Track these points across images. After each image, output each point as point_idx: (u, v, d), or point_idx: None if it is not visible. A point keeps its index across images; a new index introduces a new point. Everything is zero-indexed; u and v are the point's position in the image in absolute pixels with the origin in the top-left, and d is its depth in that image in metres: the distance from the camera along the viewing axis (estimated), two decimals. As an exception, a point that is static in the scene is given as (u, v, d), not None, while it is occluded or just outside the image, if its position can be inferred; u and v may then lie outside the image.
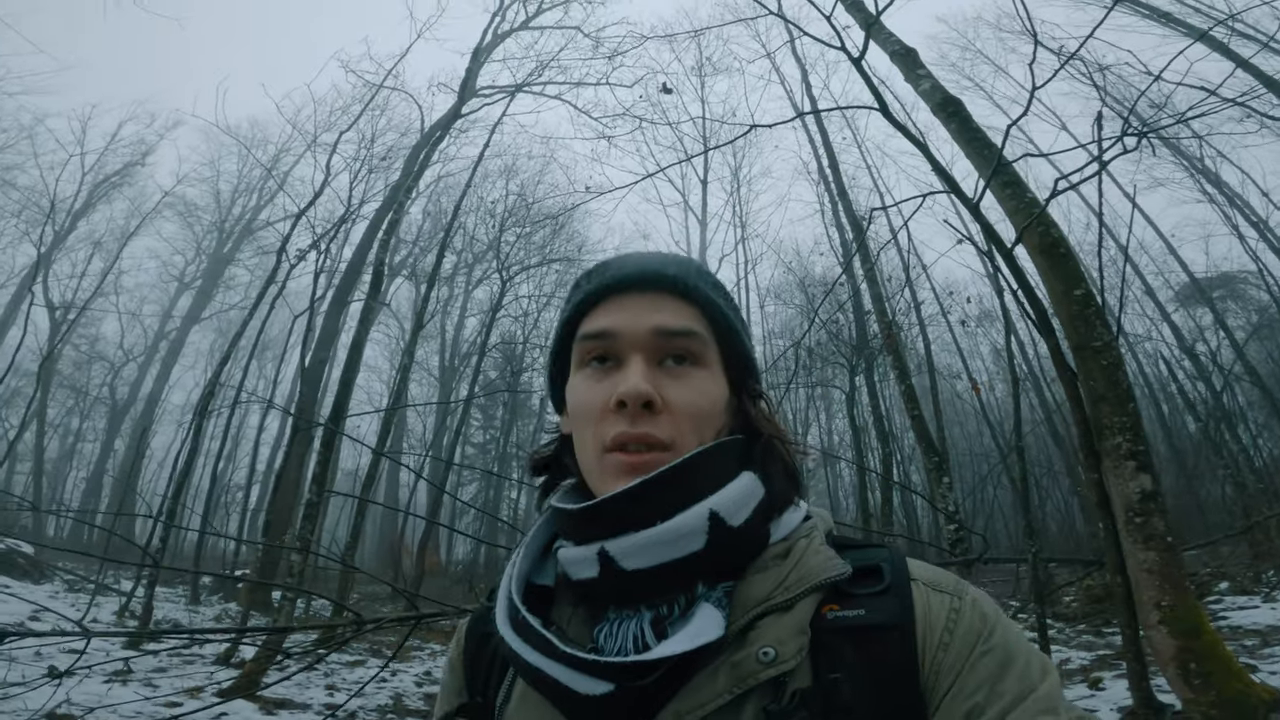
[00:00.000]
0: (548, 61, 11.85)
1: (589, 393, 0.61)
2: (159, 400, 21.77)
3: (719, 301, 0.64)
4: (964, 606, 0.54)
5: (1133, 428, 3.75)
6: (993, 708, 0.48)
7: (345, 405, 7.54)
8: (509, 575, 0.61)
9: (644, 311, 0.61)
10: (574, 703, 0.50)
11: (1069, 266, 4.15)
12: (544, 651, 0.52)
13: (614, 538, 0.55)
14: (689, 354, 0.60)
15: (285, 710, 4.70)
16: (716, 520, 0.54)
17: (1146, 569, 3.45)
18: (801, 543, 0.58)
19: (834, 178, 10.66)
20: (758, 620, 0.53)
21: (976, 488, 15.72)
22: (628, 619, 0.55)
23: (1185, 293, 15.82)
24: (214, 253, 22.97)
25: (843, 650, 0.52)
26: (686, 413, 0.58)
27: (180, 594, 12.33)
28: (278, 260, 9.11)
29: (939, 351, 17.65)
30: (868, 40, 3.38)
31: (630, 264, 0.64)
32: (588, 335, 0.62)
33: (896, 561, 0.58)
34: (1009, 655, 0.51)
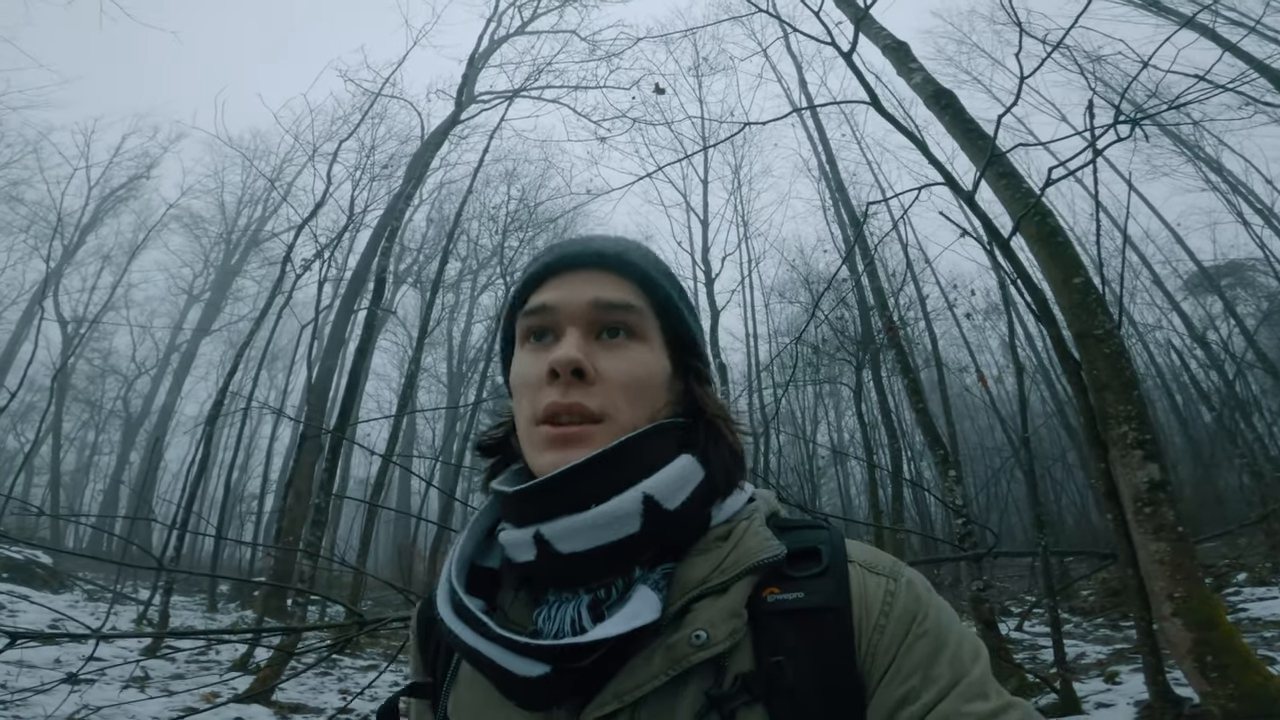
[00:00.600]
0: (544, 66, 11.92)
1: (527, 366, 0.61)
2: (172, 412, 21.96)
3: (658, 278, 0.64)
4: (899, 589, 0.54)
5: (1138, 416, 3.71)
6: (927, 693, 0.48)
7: (352, 412, 7.59)
8: (451, 558, 0.61)
9: (581, 286, 0.61)
10: (512, 684, 0.51)
11: (1067, 255, 4.13)
12: (481, 633, 0.52)
13: (549, 520, 0.55)
14: (625, 326, 0.61)
15: (299, 714, 4.75)
16: (651, 503, 0.54)
17: (1158, 560, 3.40)
18: (742, 524, 0.58)
19: (833, 173, 10.64)
20: (694, 603, 0.53)
21: (990, 482, 15.58)
22: (566, 602, 0.56)
23: (1194, 281, 15.65)
24: (221, 265, 23.10)
25: (783, 633, 0.52)
26: (619, 382, 0.58)
27: (198, 602, 12.47)
28: (282, 270, 9.20)
29: (947, 346, 17.56)
30: (857, 35, 3.38)
31: (572, 245, 0.64)
32: (528, 311, 0.63)
33: (835, 543, 0.58)
34: (942, 639, 0.51)
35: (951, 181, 3.50)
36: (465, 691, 0.59)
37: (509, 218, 14.02)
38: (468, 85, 10.36)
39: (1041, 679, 4.17)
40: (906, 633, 0.51)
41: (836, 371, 14.41)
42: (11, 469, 20.86)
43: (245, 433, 19.38)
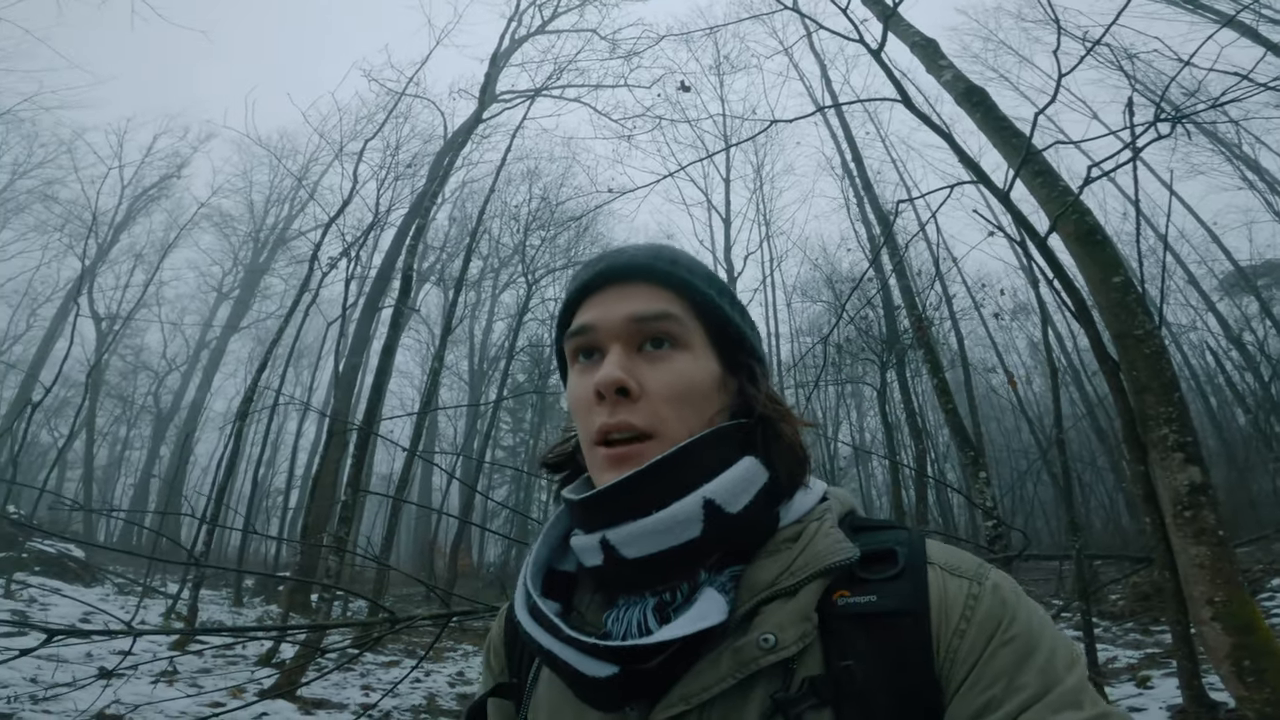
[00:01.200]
0: (565, 65, 11.93)
1: (578, 388, 0.62)
2: (202, 407, 22.41)
3: (695, 281, 0.63)
4: (983, 592, 0.52)
5: (1179, 418, 3.62)
6: (1010, 702, 0.46)
7: (378, 409, 7.67)
8: (527, 562, 0.63)
9: (618, 302, 0.61)
10: (583, 684, 0.52)
11: (1106, 253, 4.03)
12: (554, 635, 0.54)
13: (613, 527, 0.56)
14: (667, 336, 0.60)
15: (323, 710, 4.80)
16: (712, 508, 0.54)
17: (1198, 564, 3.33)
18: (813, 525, 0.58)
19: (858, 172, 10.50)
20: (762, 605, 0.53)
21: (1015, 484, 15.32)
22: (633, 604, 0.57)
23: (1230, 281, 15.24)
24: (250, 263, 23.53)
25: (854, 637, 0.51)
26: (665, 396, 0.58)
27: (224, 597, 12.70)
28: (309, 268, 9.32)
29: (973, 346, 17.30)
30: (885, 32, 3.32)
31: (606, 260, 0.64)
32: (571, 333, 0.64)
33: (914, 544, 0.56)
34: (1031, 645, 0.48)
35: (986, 179, 3.42)
36: (544, 692, 0.61)
37: (530, 216, 14.08)
38: (489, 84, 10.41)
39: (1074, 686, 4.08)
40: (990, 639, 0.49)
41: (860, 371, 14.25)
42: (45, 463, 21.42)
43: (272, 429, 19.69)
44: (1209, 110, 4.45)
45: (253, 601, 12.75)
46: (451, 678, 6.48)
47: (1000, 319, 15.21)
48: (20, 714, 3.61)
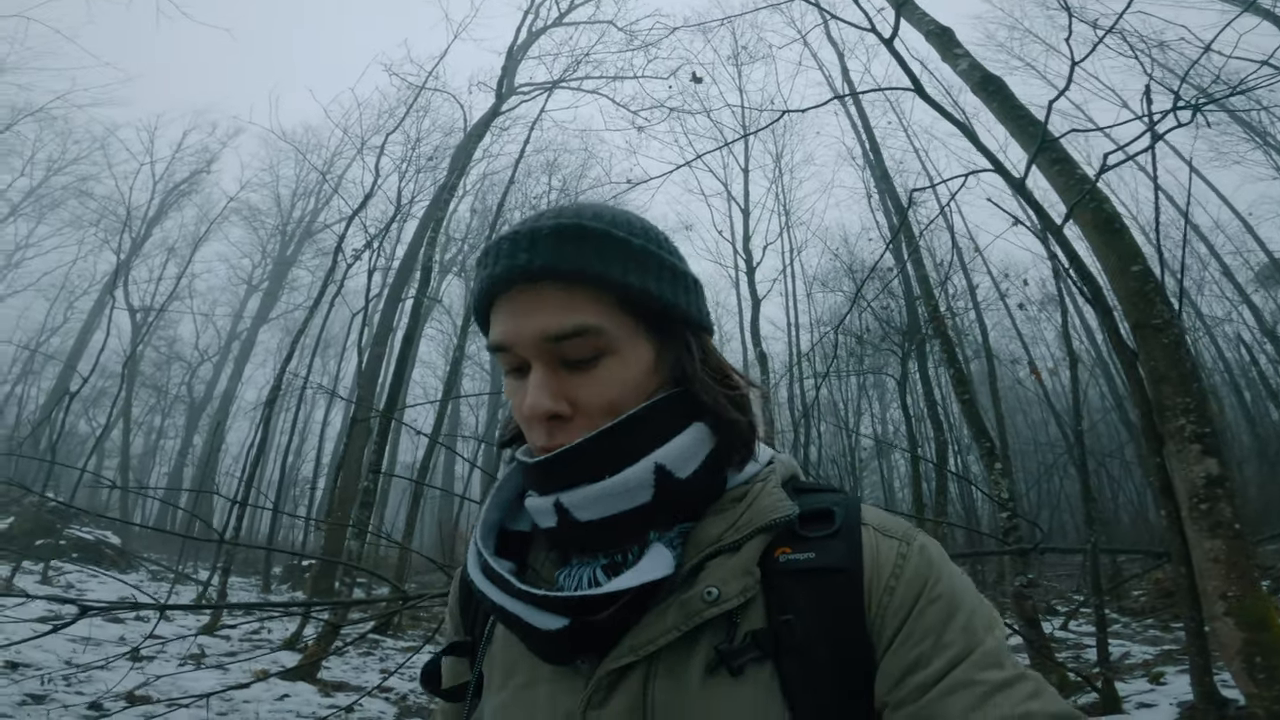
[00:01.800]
0: (582, 57, 11.89)
1: (513, 398, 0.60)
2: (233, 397, 22.93)
3: (610, 273, 0.56)
4: (911, 552, 0.54)
5: (1197, 409, 3.54)
6: (938, 659, 0.48)
7: (399, 396, 7.82)
8: (477, 524, 0.64)
9: (526, 317, 0.56)
10: (535, 637, 0.53)
11: (1124, 242, 3.94)
12: (505, 590, 0.55)
13: (567, 490, 0.56)
14: (587, 349, 0.56)
15: (342, 693, 4.94)
16: (663, 473, 0.55)
17: (1213, 558, 3.27)
18: (758, 485, 0.59)
19: (877, 161, 10.35)
20: (707, 560, 0.54)
21: (1042, 477, 15.05)
22: (586, 565, 0.58)
23: (1265, 273, 14.73)
24: (278, 255, 23.95)
25: (794, 592, 0.53)
26: (599, 409, 0.56)
27: (253, 584, 13.08)
28: (334, 260, 9.49)
29: (999, 337, 17.00)
30: (898, 20, 3.28)
31: (503, 255, 0.57)
32: (491, 348, 0.60)
33: (850, 506, 0.58)
34: (954, 605, 0.51)
35: (1000, 168, 3.38)
36: (498, 649, 0.62)
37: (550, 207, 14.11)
38: (507, 77, 10.44)
39: (1083, 677, 4.05)
40: (918, 597, 0.51)
41: (881, 362, 14.10)
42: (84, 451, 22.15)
43: (300, 417, 20.13)
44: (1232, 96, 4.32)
45: (280, 588, 13.12)
46: (468, 661, 6.60)
47: (1025, 309, 14.93)
48: (54, 694, 3.78)
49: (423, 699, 4.85)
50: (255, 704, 4.09)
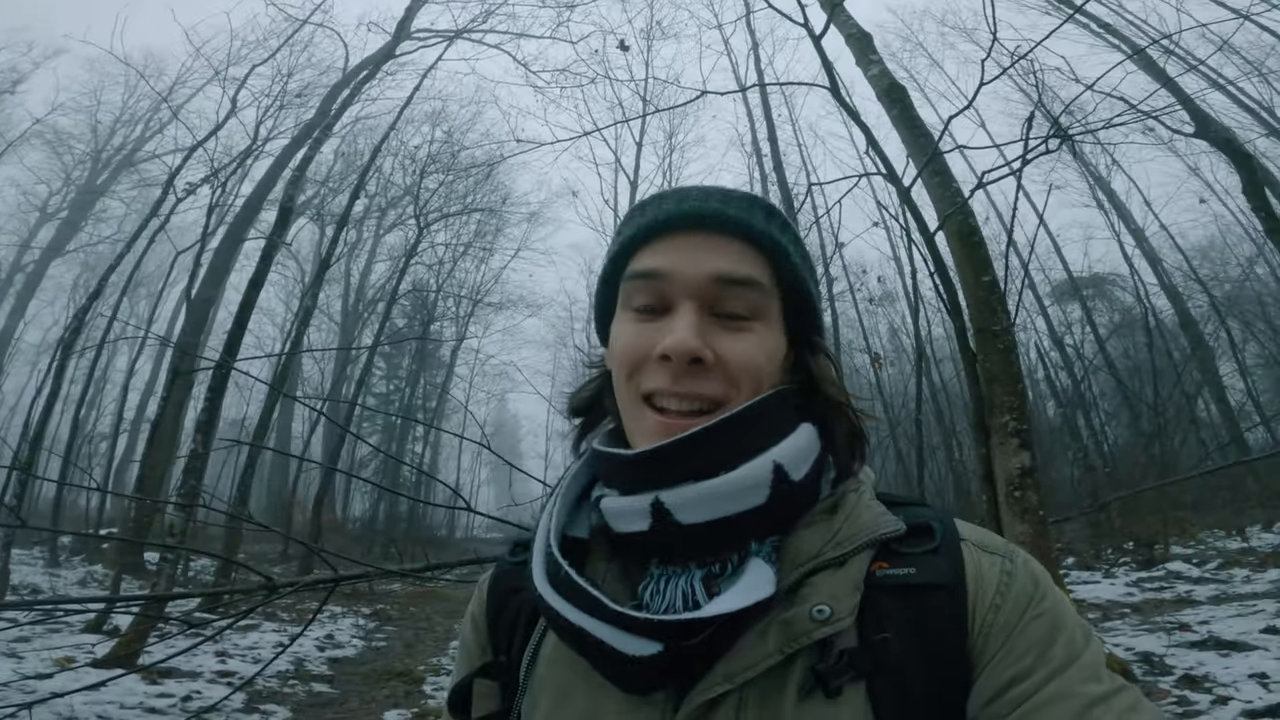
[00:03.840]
0: (494, 8, 11.12)
1: (633, 338, 0.56)
2: (12, 338, 19.37)
3: (788, 248, 0.58)
4: (1016, 569, 0.53)
5: (1019, 407, 4.06)
6: (1039, 672, 0.47)
7: (238, 347, 6.96)
8: (545, 528, 0.56)
9: (702, 254, 0.55)
10: (617, 663, 0.48)
11: (981, 254, 4.41)
12: (591, 611, 0.49)
13: (671, 488, 0.51)
14: (748, 305, 0.55)
15: (172, 679, 4.37)
16: (780, 473, 0.52)
17: (1021, 541, 3.74)
18: (851, 497, 0.57)
19: (770, 151, 10.80)
20: (809, 576, 0.51)
21: (868, 459, 16.77)
22: (675, 575, 0.52)
23: (1061, 289, 17.37)
24: (86, 183, 20.58)
25: (891, 609, 0.50)
26: (739, 366, 0.54)
27: (37, 555, 11.19)
28: (164, 194, 8.23)
29: (843, 328, 18.57)
30: (830, 20, 3.39)
31: (691, 199, 0.57)
32: (636, 274, 0.57)
33: (946, 521, 0.57)
34: (1058, 621, 0.50)
35: (893, 175, 3.62)
36: (548, 671, 0.55)
37: (429, 158, 13.21)
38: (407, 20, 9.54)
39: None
40: (1023, 613, 0.50)
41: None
42: None
43: (99, 365, 17.36)
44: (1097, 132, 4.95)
45: (71, 561, 11.36)
46: (320, 641, 6.14)
47: (872, 304, 16.41)
48: None
49: (273, 683, 4.42)
50: (68, 696, 3.49)
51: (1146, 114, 3.17)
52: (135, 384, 20.74)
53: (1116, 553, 9.06)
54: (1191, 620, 5.11)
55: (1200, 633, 4.67)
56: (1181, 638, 4.63)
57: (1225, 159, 7.35)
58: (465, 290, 19.86)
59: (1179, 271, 14.73)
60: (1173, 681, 3.76)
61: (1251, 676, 3.64)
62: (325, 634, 6.47)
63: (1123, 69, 3.06)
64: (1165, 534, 8.65)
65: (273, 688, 4.34)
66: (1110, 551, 9.19)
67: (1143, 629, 5.13)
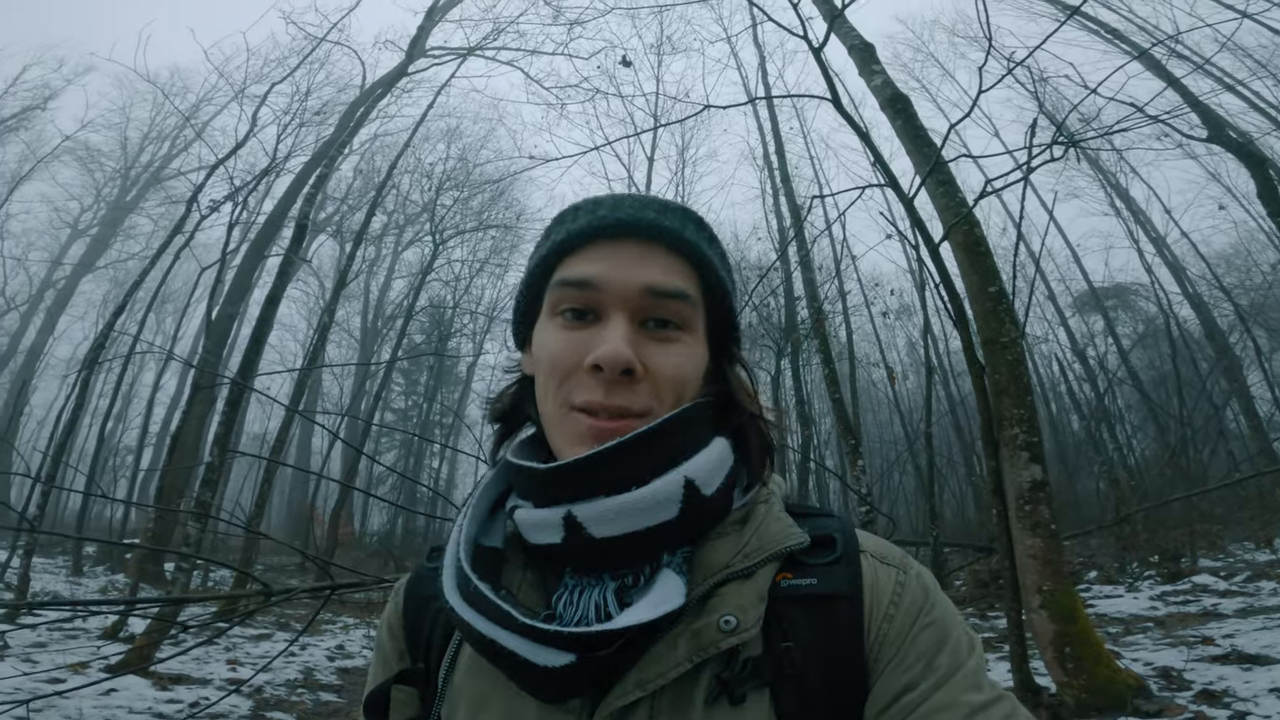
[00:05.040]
0: (505, 26, 11.34)
1: (561, 346, 0.56)
2: (42, 353, 19.88)
3: (715, 261, 0.59)
4: (909, 580, 0.55)
5: (1029, 420, 3.99)
6: (926, 681, 0.49)
7: (256, 363, 7.10)
8: (456, 539, 0.57)
9: (634, 264, 0.55)
10: (531, 674, 0.48)
11: (987, 264, 4.37)
12: (500, 623, 0.49)
13: (583, 502, 0.52)
14: (677, 317, 0.56)
15: (182, 685, 4.44)
16: (692, 488, 0.52)
17: (1032, 555, 3.67)
18: (760, 508, 0.58)
19: (779, 164, 10.82)
20: (718, 587, 0.52)
21: (885, 473, 16.55)
22: (589, 586, 0.53)
23: (1082, 300, 17.06)
24: (115, 200, 21.20)
25: (794, 618, 0.52)
26: (669, 380, 0.55)
27: (61, 565, 11.43)
28: (187, 210, 8.44)
29: (859, 341, 18.43)
30: (829, 32, 3.42)
31: (624, 207, 0.57)
32: (567, 281, 0.56)
33: (848, 532, 0.58)
34: (945, 631, 0.52)
35: (895, 184, 3.63)
36: (465, 680, 0.55)
37: (445, 175, 13.44)
38: (421, 38, 9.77)
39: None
40: (913, 623, 0.52)
41: (757, 357, 14.82)
42: None
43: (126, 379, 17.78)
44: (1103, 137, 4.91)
45: (94, 570, 11.56)
46: (330, 651, 6.19)
47: (887, 318, 16.27)
48: None
49: (280, 691, 4.46)
50: (77, 698, 3.56)
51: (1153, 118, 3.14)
52: (161, 398, 21.21)
53: (1142, 566, 8.82)
54: (1215, 634, 4.96)
55: (1223, 646, 4.53)
56: (1203, 651, 4.49)
57: (1241, 163, 7.21)
58: (482, 306, 20.09)
59: (1203, 280, 14.40)
60: (1190, 697, 3.64)
61: (1272, 691, 3.51)
62: (336, 644, 6.52)
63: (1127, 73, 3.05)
64: (1192, 547, 8.42)
65: (281, 696, 4.38)
66: (1135, 565, 8.95)
67: (1164, 643, 4.99)
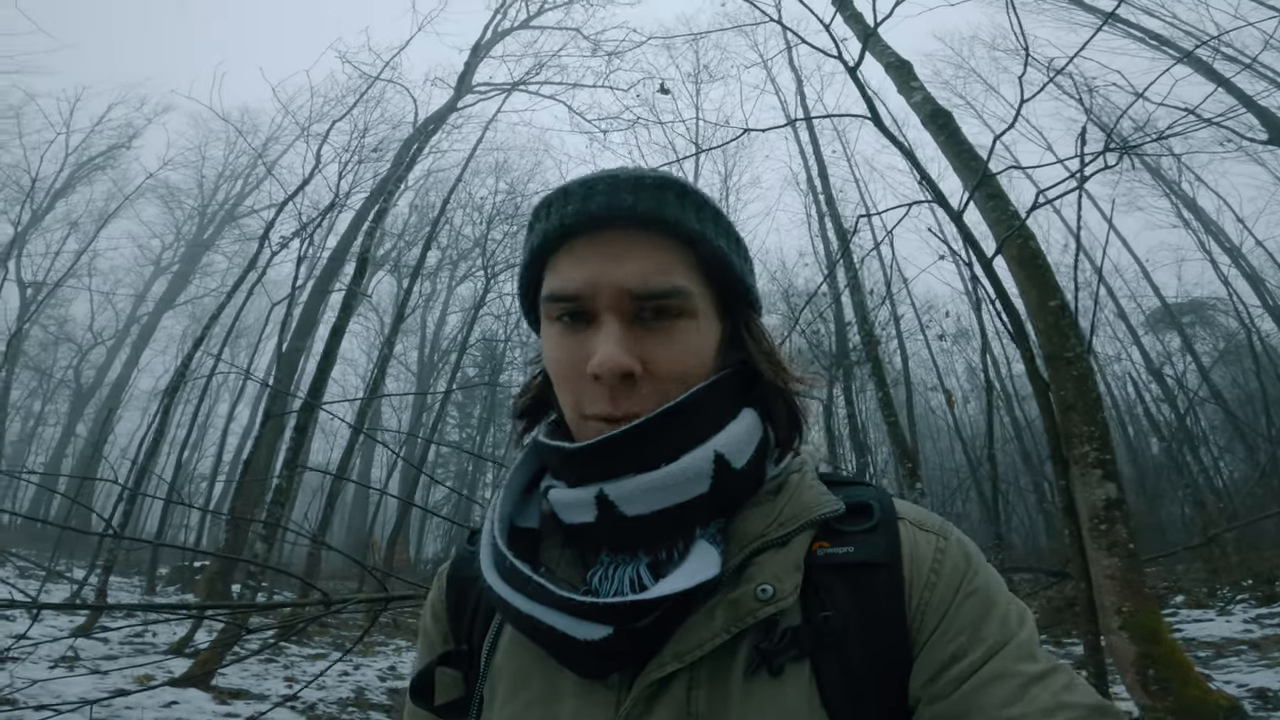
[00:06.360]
0: (546, 61, 11.85)
1: (562, 352, 0.55)
2: (126, 385, 21.27)
3: (707, 233, 0.55)
4: (949, 546, 0.54)
5: (1100, 437, 3.82)
6: (975, 651, 0.48)
7: (321, 392, 7.43)
8: (490, 519, 0.57)
9: (615, 263, 0.52)
10: (571, 648, 0.49)
11: (1046, 278, 4.24)
12: (537, 598, 0.49)
13: (614, 480, 0.52)
14: (672, 307, 0.53)
15: (240, 700, 4.58)
16: (722, 463, 0.52)
17: (1109, 575, 3.50)
18: (794, 478, 0.58)
19: (823, 187, 10.78)
20: (754, 557, 0.52)
21: (947, 501, 15.90)
22: (624, 563, 0.53)
23: (1156, 317, 16.17)
24: (194, 238, 22.66)
25: (833, 587, 0.51)
26: (671, 375, 0.53)
27: (136, 584, 12.03)
28: (259, 247, 8.99)
29: (915, 366, 17.90)
30: (864, 51, 3.43)
31: (596, 195, 0.53)
32: (553, 296, 0.54)
33: (884, 500, 0.57)
34: (990, 599, 0.51)
35: (942, 199, 3.56)
36: (504, 660, 0.56)
37: (495, 209, 13.93)
38: (468, 75, 10.30)
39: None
40: (956, 590, 0.51)
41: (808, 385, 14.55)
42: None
43: (202, 411, 18.81)
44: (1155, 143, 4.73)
45: (166, 590, 12.12)
46: (382, 672, 6.29)
47: (944, 341, 15.79)
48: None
49: (333, 709, 4.55)
50: (139, 710, 3.72)
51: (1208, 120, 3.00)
52: (234, 429, 22.32)
53: (1233, 590, 8.19)
54: (1316, 657, 4.58)
55: (1323, 669, 4.16)
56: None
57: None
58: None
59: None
60: (1291, 728, 3.34)
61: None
62: (389, 665, 6.63)
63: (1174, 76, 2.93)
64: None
65: (333, 714, 4.47)
66: (1226, 589, 8.32)
67: (1260, 664, 4.68)
